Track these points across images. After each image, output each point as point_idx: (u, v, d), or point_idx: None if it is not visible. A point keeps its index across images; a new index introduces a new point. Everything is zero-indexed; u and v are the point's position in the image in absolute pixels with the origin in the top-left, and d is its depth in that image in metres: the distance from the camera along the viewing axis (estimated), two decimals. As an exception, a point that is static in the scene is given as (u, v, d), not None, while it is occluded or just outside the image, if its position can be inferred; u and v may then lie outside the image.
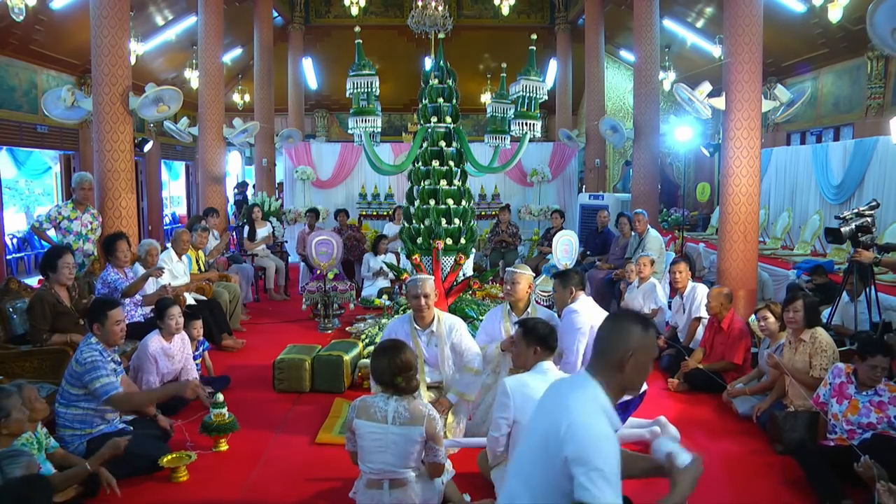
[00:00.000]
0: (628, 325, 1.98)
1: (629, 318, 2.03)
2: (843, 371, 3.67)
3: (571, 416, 1.84)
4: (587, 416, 1.85)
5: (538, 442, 1.92)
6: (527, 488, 1.92)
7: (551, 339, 3.25)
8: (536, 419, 2.04)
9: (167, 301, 4.74)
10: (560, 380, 2.19)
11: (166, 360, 4.59)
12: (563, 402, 1.92)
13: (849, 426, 3.54)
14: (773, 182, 10.04)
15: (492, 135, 6.15)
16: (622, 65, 15.84)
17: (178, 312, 4.67)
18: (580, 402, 1.89)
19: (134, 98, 6.48)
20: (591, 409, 1.88)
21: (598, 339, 2.03)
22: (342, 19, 14.70)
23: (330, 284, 6.97)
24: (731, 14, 6.17)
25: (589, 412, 1.86)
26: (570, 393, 1.94)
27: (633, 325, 1.97)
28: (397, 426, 2.95)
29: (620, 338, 1.96)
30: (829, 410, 3.62)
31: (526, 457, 1.98)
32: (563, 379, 2.20)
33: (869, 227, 4.74)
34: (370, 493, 3.02)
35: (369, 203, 11.67)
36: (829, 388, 3.69)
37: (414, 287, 4.04)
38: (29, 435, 3.15)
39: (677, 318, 5.89)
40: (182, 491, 3.54)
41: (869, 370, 3.53)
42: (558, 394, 2.00)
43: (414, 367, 3.05)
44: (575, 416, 1.84)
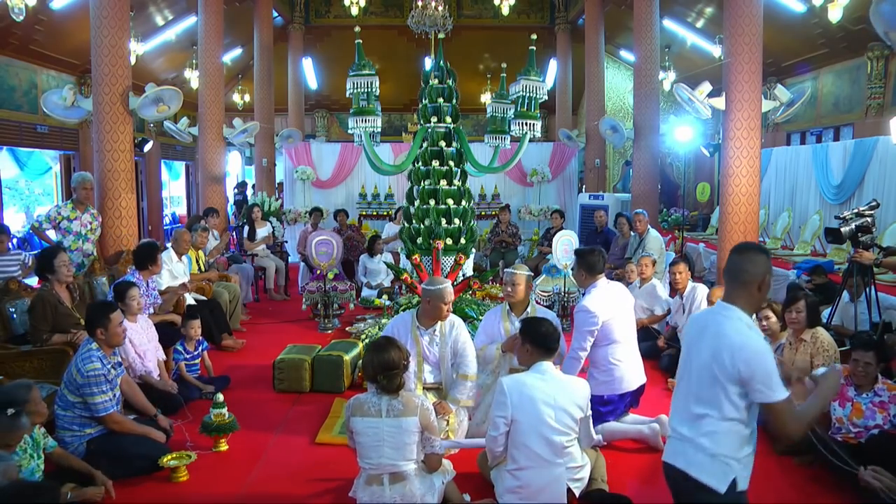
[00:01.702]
0: (758, 255, 2.39)
1: (756, 249, 2.43)
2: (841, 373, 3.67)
3: (733, 342, 2.27)
4: (746, 338, 2.28)
5: (704, 370, 2.34)
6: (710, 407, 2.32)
7: (551, 339, 3.24)
8: (694, 352, 2.43)
9: (126, 283, 4.70)
10: (705, 313, 2.54)
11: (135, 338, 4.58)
12: (719, 332, 2.33)
13: (856, 429, 3.55)
14: (773, 182, 10.04)
15: (492, 135, 6.15)
16: (622, 65, 15.85)
17: (137, 294, 4.66)
18: (734, 328, 2.31)
19: (134, 98, 6.48)
20: (745, 331, 2.31)
21: (735, 271, 2.39)
22: (342, 19, 14.71)
23: (330, 284, 6.97)
24: (731, 14, 6.17)
25: (744, 334, 2.29)
26: (723, 323, 2.34)
27: (761, 254, 2.39)
28: (391, 418, 2.98)
29: (756, 266, 2.36)
30: (833, 414, 3.61)
31: (695, 384, 2.38)
32: (708, 312, 2.50)
33: (869, 227, 4.74)
34: (370, 489, 3.03)
35: (369, 203, 11.67)
36: None
37: (440, 295, 3.94)
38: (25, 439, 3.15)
39: (677, 318, 5.89)
40: (182, 491, 3.54)
41: (852, 364, 3.55)
42: (710, 326, 2.39)
43: (398, 366, 3.03)
44: (736, 341, 2.27)
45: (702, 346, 2.39)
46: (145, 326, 4.77)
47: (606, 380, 4.07)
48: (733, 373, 2.25)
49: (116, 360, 3.92)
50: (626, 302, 4.23)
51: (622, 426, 4.17)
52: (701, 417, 2.34)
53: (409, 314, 4.17)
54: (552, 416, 3.06)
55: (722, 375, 2.28)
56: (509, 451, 3.15)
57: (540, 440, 3.07)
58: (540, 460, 3.08)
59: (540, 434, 3.06)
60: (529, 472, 3.09)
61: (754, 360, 2.24)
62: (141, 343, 4.63)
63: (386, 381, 3.02)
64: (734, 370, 2.25)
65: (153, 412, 4.13)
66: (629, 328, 4.20)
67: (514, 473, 3.12)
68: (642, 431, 4.10)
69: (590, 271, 4.13)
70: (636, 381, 4.18)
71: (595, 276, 4.14)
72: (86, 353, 3.69)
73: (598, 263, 4.15)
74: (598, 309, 3.97)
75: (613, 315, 4.05)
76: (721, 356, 2.28)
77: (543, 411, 3.06)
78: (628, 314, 4.23)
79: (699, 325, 2.48)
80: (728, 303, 2.39)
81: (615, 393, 4.11)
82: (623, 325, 4.13)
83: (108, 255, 6.49)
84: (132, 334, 4.50)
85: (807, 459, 3.75)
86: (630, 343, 4.19)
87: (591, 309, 3.96)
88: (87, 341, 3.78)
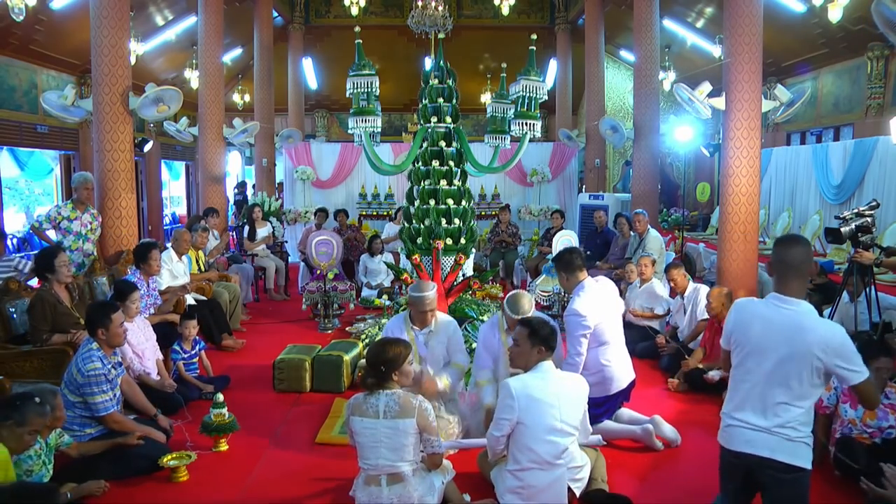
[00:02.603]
0: (808, 246, 2.63)
1: (803, 241, 2.65)
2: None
3: (822, 335, 2.48)
4: (831, 327, 2.53)
5: (788, 363, 2.51)
6: (792, 396, 2.51)
7: (554, 338, 3.24)
8: (767, 347, 2.57)
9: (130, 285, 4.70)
10: (766, 308, 2.63)
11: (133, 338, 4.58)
12: (802, 326, 2.51)
13: (869, 429, 3.55)
14: (773, 182, 10.04)
15: (492, 135, 6.15)
16: (622, 65, 15.84)
17: (138, 297, 4.67)
18: (816, 321, 2.53)
19: (134, 98, 6.48)
20: (825, 321, 2.59)
21: (792, 265, 2.57)
22: (342, 19, 14.70)
23: (330, 284, 6.97)
24: (731, 14, 6.17)
25: (827, 324, 2.56)
26: (801, 318, 2.53)
27: (807, 245, 2.63)
28: (388, 419, 2.98)
29: (808, 258, 2.60)
30: (845, 416, 3.60)
31: (776, 377, 2.54)
32: (772, 308, 2.61)
33: (869, 227, 4.74)
34: (368, 489, 3.04)
35: (369, 203, 11.67)
36: (833, 393, 3.67)
37: (421, 303, 4.00)
38: (41, 444, 3.17)
39: (677, 318, 5.90)
40: (182, 491, 3.54)
41: (874, 374, 3.53)
42: (782, 322, 2.55)
43: (388, 362, 3.04)
44: (824, 333, 2.49)
45: (779, 341, 2.54)
46: (142, 326, 4.77)
47: (598, 381, 4.03)
48: (826, 361, 2.45)
49: (117, 360, 3.93)
50: (613, 299, 4.21)
51: (617, 427, 4.17)
52: (782, 406, 2.52)
53: (403, 316, 4.21)
54: (557, 418, 3.07)
55: (812, 366, 2.47)
56: (512, 452, 3.15)
57: (544, 442, 3.06)
58: (542, 461, 3.08)
59: (544, 436, 3.06)
60: (531, 473, 3.09)
61: (844, 347, 2.46)
62: (139, 343, 4.63)
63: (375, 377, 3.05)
64: (828, 360, 2.45)
65: (153, 412, 4.14)
66: (617, 327, 4.21)
67: (516, 474, 3.12)
68: (635, 433, 4.09)
69: (568, 269, 4.12)
70: (626, 379, 4.19)
71: (577, 274, 4.12)
72: (86, 352, 3.69)
73: (575, 260, 4.14)
74: (587, 311, 3.95)
75: (603, 316, 4.04)
76: (812, 350, 2.46)
77: (549, 413, 3.05)
78: (616, 312, 4.23)
79: (761, 322, 2.61)
80: (788, 295, 2.57)
81: (607, 394, 4.11)
82: (612, 324, 4.13)
83: (108, 255, 6.48)
84: (130, 335, 4.49)
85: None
86: (619, 342, 4.19)
87: (581, 312, 3.95)
88: (88, 341, 3.78)
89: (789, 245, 2.62)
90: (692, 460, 3.91)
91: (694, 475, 3.72)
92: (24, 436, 3.03)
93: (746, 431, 2.61)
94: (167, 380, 4.71)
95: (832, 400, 3.67)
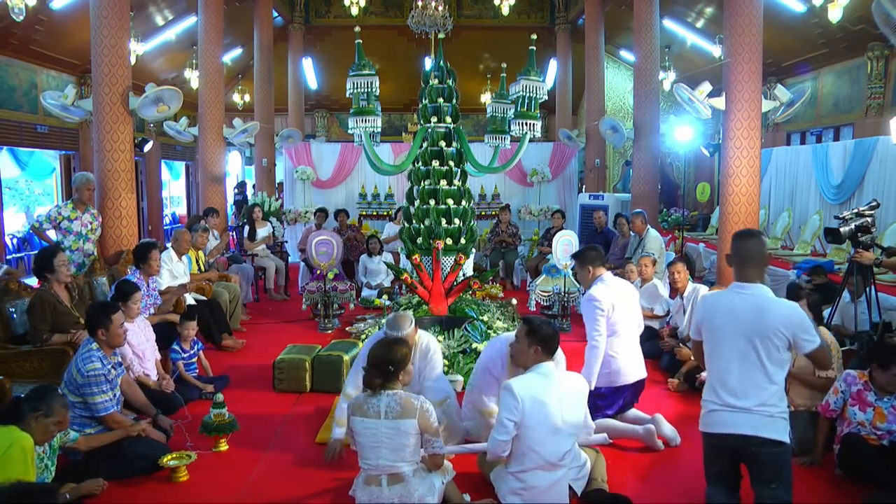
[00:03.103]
0: (760, 239, 2.93)
1: (759, 233, 3.00)
2: (857, 379, 3.65)
3: (781, 312, 2.76)
4: (786, 305, 2.82)
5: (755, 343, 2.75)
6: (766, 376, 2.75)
7: (553, 342, 3.22)
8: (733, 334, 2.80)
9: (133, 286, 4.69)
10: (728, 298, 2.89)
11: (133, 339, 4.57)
12: (762, 308, 2.77)
13: (879, 432, 3.54)
14: (773, 182, 10.04)
15: (492, 135, 6.15)
16: (622, 65, 15.84)
17: (139, 298, 4.67)
18: (773, 301, 2.81)
19: (134, 98, 6.48)
20: (779, 300, 2.85)
21: (748, 255, 2.86)
22: (342, 19, 14.70)
23: (330, 284, 6.97)
24: (731, 14, 6.17)
25: (783, 303, 2.84)
26: (760, 300, 2.79)
27: (760, 237, 2.95)
28: (390, 420, 2.98)
29: (762, 248, 2.89)
30: (854, 419, 3.59)
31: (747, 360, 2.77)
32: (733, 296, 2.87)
33: (869, 227, 4.74)
34: (369, 489, 3.03)
35: (369, 203, 11.66)
36: (840, 397, 3.66)
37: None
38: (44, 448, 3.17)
39: (677, 318, 5.89)
40: (182, 491, 3.54)
41: (892, 378, 3.53)
42: (742, 306, 2.80)
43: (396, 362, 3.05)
44: (783, 310, 2.76)
45: (745, 323, 2.77)
46: (142, 326, 4.77)
47: (604, 371, 4.08)
48: (788, 336, 2.72)
49: (117, 361, 3.93)
50: (631, 296, 4.29)
51: (619, 425, 4.16)
52: (758, 387, 2.75)
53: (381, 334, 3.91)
54: (560, 418, 3.06)
55: (778, 344, 2.73)
56: (514, 454, 3.13)
57: (547, 443, 3.06)
58: (545, 463, 3.08)
59: (547, 437, 3.05)
60: (533, 474, 3.09)
61: (799, 319, 2.75)
62: (139, 343, 4.63)
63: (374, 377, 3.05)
64: (790, 334, 2.72)
65: (153, 412, 4.14)
66: (631, 322, 4.24)
67: (518, 475, 3.11)
68: (637, 433, 4.08)
69: (592, 263, 4.22)
70: (634, 375, 4.19)
71: (597, 268, 4.22)
72: (86, 352, 3.69)
73: (595, 255, 4.26)
74: (603, 297, 4.04)
75: (619, 306, 4.11)
76: (776, 328, 2.72)
77: (552, 414, 3.04)
78: (632, 308, 4.27)
79: (725, 309, 2.86)
80: (747, 282, 2.85)
81: (612, 385, 4.14)
82: (626, 318, 4.17)
83: (108, 255, 6.49)
84: (130, 335, 4.48)
85: (808, 460, 3.76)
86: (630, 337, 4.21)
87: (596, 296, 4.05)
88: (88, 341, 3.78)
89: (745, 238, 2.92)
90: (692, 460, 3.90)
91: (694, 475, 3.71)
92: (49, 426, 3.08)
93: (728, 414, 2.78)
94: (166, 380, 4.70)
95: (839, 404, 3.67)
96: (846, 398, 3.65)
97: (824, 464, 3.73)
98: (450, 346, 5.24)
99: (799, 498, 3.42)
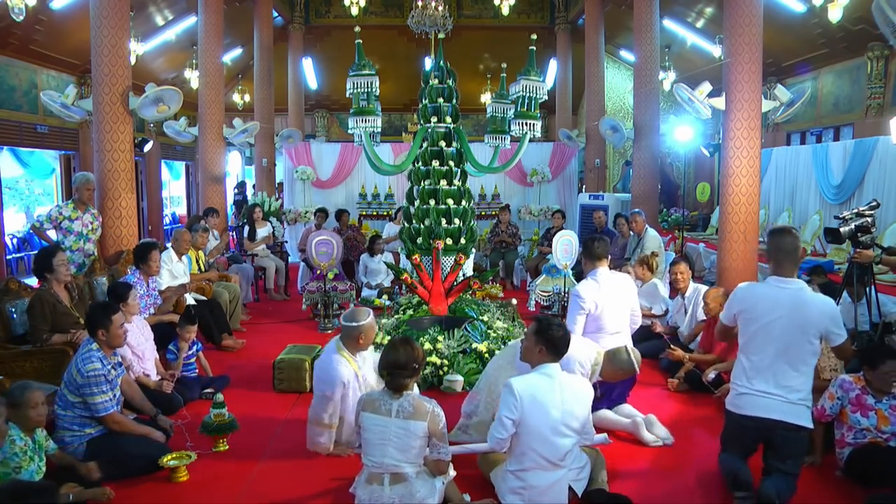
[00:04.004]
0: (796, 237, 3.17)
1: (794, 231, 3.19)
2: (853, 384, 3.63)
3: (820, 306, 3.07)
4: (823, 301, 3.11)
5: (793, 335, 3.06)
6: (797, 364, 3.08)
7: (560, 345, 3.18)
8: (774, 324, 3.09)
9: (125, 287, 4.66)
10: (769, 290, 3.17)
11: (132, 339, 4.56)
12: (802, 302, 3.08)
13: (884, 435, 3.53)
14: (773, 182, 10.04)
15: (492, 135, 6.15)
16: (622, 65, 15.84)
17: (135, 294, 4.67)
18: (812, 296, 3.10)
19: (134, 98, 6.48)
20: (816, 295, 3.13)
21: (786, 251, 3.13)
22: (342, 19, 14.70)
23: (330, 284, 6.97)
24: (731, 14, 6.17)
25: (820, 297, 3.12)
26: (801, 295, 3.09)
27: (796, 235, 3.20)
28: (400, 419, 3.00)
29: (798, 245, 3.13)
30: (858, 426, 3.57)
31: (783, 349, 3.08)
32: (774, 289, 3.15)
33: (868, 227, 4.74)
34: (370, 488, 3.03)
35: (369, 203, 11.66)
36: (836, 402, 3.65)
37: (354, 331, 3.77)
38: (25, 442, 3.15)
39: (677, 318, 5.89)
40: (182, 491, 3.54)
41: (883, 377, 3.53)
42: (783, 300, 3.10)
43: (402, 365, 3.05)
44: (821, 304, 3.08)
45: (784, 315, 3.07)
46: (141, 326, 4.77)
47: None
48: (822, 329, 3.03)
49: (117, 361, 3.92)
50: (624, 292, 4.37)
51: (611, 416, 4.25)
52: (789, 375, 3.05)
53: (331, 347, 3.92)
54: (559, 419, 3.06)
55: (814, 335, 3.04)
56: (513, 453, 3.14)
57: (546, 443, 3.06)
58: (545, 462, 3.08)
59: (547, 437, 3.06)
60: (533, 474, 3.09)
61: (834, 313, 3.05)
62: (139, 343, 4.63)
63: (389, 379, 3.05)
64: (824, 327, 3.02)
65: (153, 412, 4.13)
66: (620, 319, 4.35)
67: (518, 474, 3.12)
68: (626, 424, 4.17)
69: (589, 256, 4.44)
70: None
71: (595, 261, 4.39)
72: (86, 353, 3.69)
73: (597, 248, 4.41)
74: (587, 295, 4.25)
75: (605, 305, 4.25)
76: (814, 320, 3.02)
77: (552, 414, 3.05)
78: (622, 305, 4.36)
79: (769, 301, 3.13)
80: (786, 276, 3.14)
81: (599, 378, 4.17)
82: (614, 315, 4.30)
83: (108, 255, 6.49)
84: (130, 335, 4.47)
85: (808, 460, 3.76)
86: (618, 333, 4.32)
87: (580, 293, 4.28)
88: (88, 341, 3.78)
89: (783, 235, 3.16)
90: (692, 460, 3.91)
91: (694, 475, 3.72)
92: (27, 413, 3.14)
93: (761, 398, 3.11)
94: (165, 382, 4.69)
95: (835, 409, 3.66)
96: (843, 404, 3.63)
97: (825, 464, 3.73)
98: (450, 346, 5.24)
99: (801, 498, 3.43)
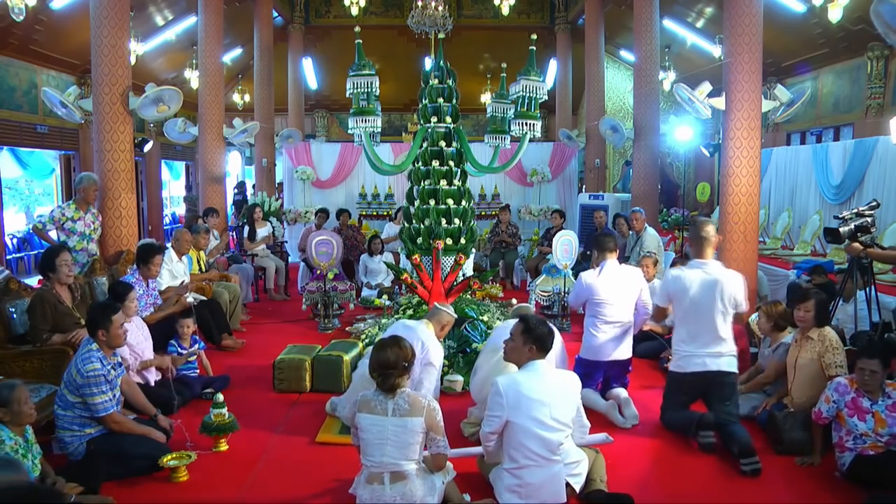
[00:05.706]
0: (713, 225, 4.03)
1: (712, 220, 3.97)
2: (848, 387, 3.63)
3: (731, 281, 3.93)
4: (733, 276, 3.98)
5: (714, 306, 3.90)
6: (724, 327, 3.94)
7: (548, 341, 3.26)
8: (698, 299, 3.92)
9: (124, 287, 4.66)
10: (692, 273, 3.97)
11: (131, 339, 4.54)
12: (717, 279, 3.90)
13: (883, 438, 3.51)
14: (773, 182, 10.04)
15: (492, 135, 6.15)
16: (622, 65, 15.85)
17: (134, 296, 4.66)
18: (723, 272, 3.96)
19: (134, 98, 6.48)
20: (727, 271, 4.00)
21: (705, 239, 3.95)
22: (342, 19, 14.70)
23: (330, 284, 6.97)
24: (731, 14, 6.17)
25: (729, 273, 3.99)
26: (716, 273, 3.93)
27: (713, 224, 4.10)
28: (397, 417, 3.00)
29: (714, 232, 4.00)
30: (856, 430, 3.56)
31: (712, 317, 3.91)
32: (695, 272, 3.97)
33: (868, 227, 4.74)
34: (370, 487, 3.03)
35: (369, 203, 11.65)
36: (832, 405, 3.65)
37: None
38: (16, 441, 3.14)
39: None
40: (182, 491, 3.54)
41: (858, 373, 3.54)
42: (704, 279, 3.92)
43: (392, 365, 3.04)
44: (730, 280, 3.94)
45: (705, 291, 3.90)
46: (140, 326, 4.77)
47: (584, 344, 4.71)
48: (734, 297, 3.89)
49: (116, 361, 3.92)
50: (629, 285, 4.64)
51: (592, 395, 4.53)
52: (716, 336, 3.91)
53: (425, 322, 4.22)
54: (547, 415, 3.10)
55: (729, 304, 3.90)
56: (507, 451, 3.16)
57: (536, 438, 3.09)
58: (538, 458, 3.10)
59: (536, 432, 3.09)
60: (528, 471, 3.11)
61: (740, 285, 3.95)
62: (138, 343, 4.63)
63: (381, 380, 3.05)
64: (732, 295, 3.89)
65: (153, 412, 4.13)
66: (621, 308, 4.60)
67: (513, 472, 3.14)
68: (602, 407, 4.47)
69: (599, 249, 4.74)
70: (609, 355, 4.59)
71: (604, 254, 4.69)
72: (86, 353, 3.69)
73: (607, 242, 4.74)
74: (590, 281, 4.63)
75: (608, 294, 4.58)
76: (727, 289, 3.88)
77: (539, 410, 3.09)
78: (625, 296, 4.62)
79: (695, 282, 3.92)
80: (705, 259, 3.98)
81: (587, 358, 4.65)
82: (616, 304, 4.60)
83: (108, 255, 6.49)
84: (130, 336, 4.46)
85: (808, 460, 3.77)
86: (617, 321, 4.59)
87: (583, 280, 4.69)
88: (87, 341, 3.78)
89: (703, 225, 3.99)
90: (692, 460, 3.91)
91: (693, 474, 3.73)
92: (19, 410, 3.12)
93: (701, 357, 3.94)
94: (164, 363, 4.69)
95: (831, 412, 3.66)
96: (839, 407, 3.63)
97: (824, 465, 3.73)
98: (450, 346, 5.24)
99: (800, 499, 3.44)
